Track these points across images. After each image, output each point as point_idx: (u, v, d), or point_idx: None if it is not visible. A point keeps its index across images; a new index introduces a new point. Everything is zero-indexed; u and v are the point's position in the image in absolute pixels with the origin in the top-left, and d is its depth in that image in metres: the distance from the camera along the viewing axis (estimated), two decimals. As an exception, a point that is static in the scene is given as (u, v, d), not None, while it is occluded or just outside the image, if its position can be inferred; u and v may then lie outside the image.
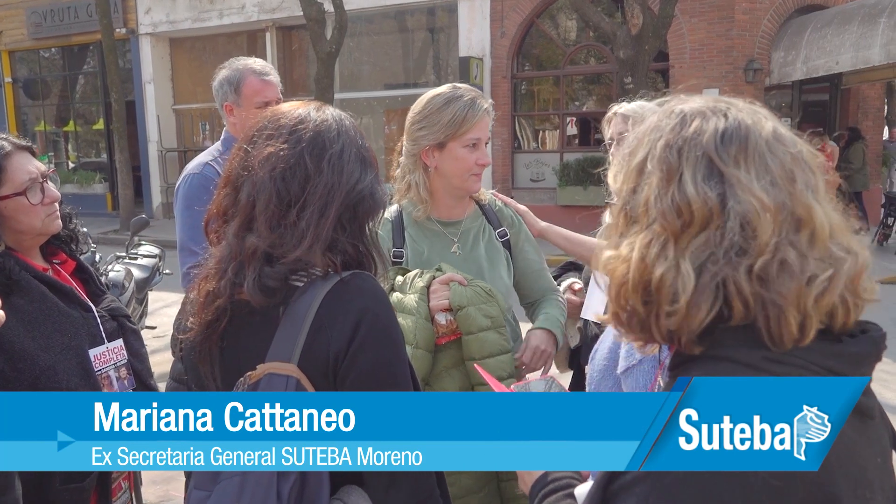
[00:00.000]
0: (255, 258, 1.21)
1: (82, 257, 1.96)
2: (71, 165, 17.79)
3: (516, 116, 13.28)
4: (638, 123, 0.95)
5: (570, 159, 12.45)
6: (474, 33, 12.92)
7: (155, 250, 5.86)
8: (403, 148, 1.99)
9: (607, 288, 0.87)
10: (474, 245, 2.04)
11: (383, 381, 1.17)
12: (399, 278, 1.88)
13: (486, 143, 1.99)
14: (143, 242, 6.05)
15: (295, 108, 1.31)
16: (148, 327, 5.62)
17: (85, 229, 1.97)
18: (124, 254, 5.50)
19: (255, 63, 2.56)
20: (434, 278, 1.86)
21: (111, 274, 4.88)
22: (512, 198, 2.26)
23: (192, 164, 2.53)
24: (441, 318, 1.82)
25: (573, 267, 2.52)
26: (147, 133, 15.89)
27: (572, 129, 13.32)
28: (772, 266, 0.79)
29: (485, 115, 1.93)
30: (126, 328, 1.90)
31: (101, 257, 5.03)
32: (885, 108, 12.99)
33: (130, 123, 15.29)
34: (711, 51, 11.45)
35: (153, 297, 6.06)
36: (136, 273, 5.34)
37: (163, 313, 6.91)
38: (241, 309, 1.23)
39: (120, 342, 1.85)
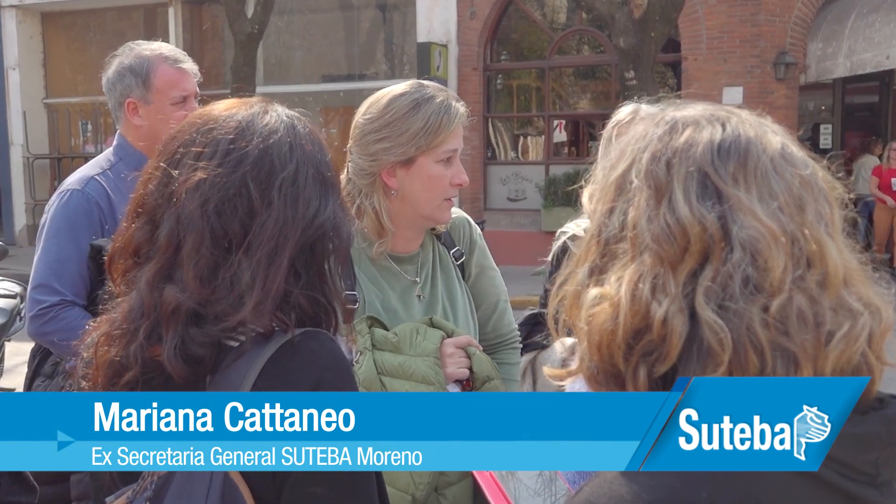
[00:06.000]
0: (175, 318, 1.20)
1: None
2: None
3: (490, 118, 13.58)
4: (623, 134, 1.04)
5: (558, 173, 12.62)
6: (436, 13, 13.13)
7: (15, 288, 5.82)
8: (352, 164, 2.00)
9: (585, 336, 0.94)
10: (433, 283, 2.11)
11: (341, 478, 1.14)
12: (381, 333, 1.92)
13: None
14: None
15: (232, 113, 1.30)
16: (4, 389, 5.50)
17: None
18: (-27, 293, 5.55)
19: (164, 48, 2.66)
20: (443, 337, 1.92)
21: (-45, 319, 5.08)
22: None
23: (73, 178, 2.60)
24: (453, 390, 1.91)
25: (541, 320, 2.40)
26: (9, 134, 15.94)
27: (561, 135, 13.64)
28: (790, 308, 0.86)
29: (461, 120, 1.98)
30: None
31: (-58, 298, 5.13)
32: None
33: (-13, 121, 14.98)
34: (734, 40, 11.68)
35: (11, 349, 6.06)
36: (-11, 318, 5.36)
37: (24, 372, 6.66)
38: (154, 376, 1.22)
39: None
